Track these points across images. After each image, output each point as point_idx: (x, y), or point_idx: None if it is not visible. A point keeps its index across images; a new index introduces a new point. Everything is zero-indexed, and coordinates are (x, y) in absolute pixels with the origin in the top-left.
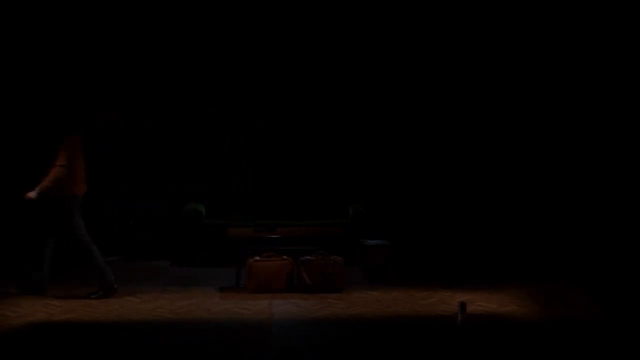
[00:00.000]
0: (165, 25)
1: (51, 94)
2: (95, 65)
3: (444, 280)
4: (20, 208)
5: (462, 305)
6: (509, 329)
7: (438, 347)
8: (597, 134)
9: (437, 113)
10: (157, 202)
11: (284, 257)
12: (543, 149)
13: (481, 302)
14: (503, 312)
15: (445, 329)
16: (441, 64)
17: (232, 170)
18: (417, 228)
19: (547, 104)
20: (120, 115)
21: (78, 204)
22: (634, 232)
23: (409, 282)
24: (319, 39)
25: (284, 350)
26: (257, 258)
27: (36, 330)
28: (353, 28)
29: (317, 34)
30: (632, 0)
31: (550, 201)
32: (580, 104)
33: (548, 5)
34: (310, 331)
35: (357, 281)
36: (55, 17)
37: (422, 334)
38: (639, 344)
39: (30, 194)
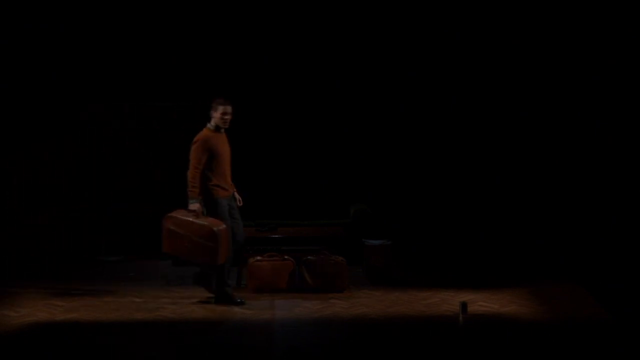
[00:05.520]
0: (169, 26)
1: (54, 93)
2: (101, 64)
3: (446, 280)
4: None
5: (464, 306)
6: (511, 329)
7: (440, 347)
8: (602, 133)
9: (439, 113)
10: (166, 202)
11: (286, 257)
12: (546, 149)
13: (483, 302)
14: (505, 312)
15: (447, 329)
16: (443, 65)
17: (233, 169)
18: (419, 228)
19: (549, 105)
20: (131, 115)
21: None
22: (637, 231)
23: (410, 282)
24: (321, 38)
25: (289, 351)
26: (259, 258)
27: (38, 330)
28: (353, 28)
29: (318, 34)
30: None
31: (553, 201)
32: (583, 104)
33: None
34: (312, 331)
35: (359, 281)
36: (61, 17)
37: (424, 334)
38: None
39: None
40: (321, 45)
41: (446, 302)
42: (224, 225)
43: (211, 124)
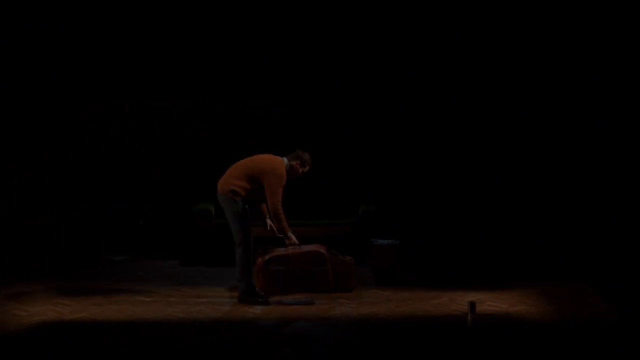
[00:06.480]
0: (169, 26)
1: (54, 93)
2: (101, 64)
3: (454, 280)
4: None
5: (472, 305)
6: (519, 329)
7: (448, 346)
8: (602, 133)
9: (445, 113)
10: (167, 202)
11: None
12: (546, 149)
13: (491, 302)
14: (513, 312)
15: (456, 329)
16: (443, 65)
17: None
18: (426, 228)
19: (549, 105)
20: (131, 115)
21: None
22: (637, 231)
23: (418, 281)
24: (328, 39)
25: (296, 350)
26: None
27: (47, 329)
28: (355, 28)
29: (319, 34)
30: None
31: (560, 201)
32: (583, 104)
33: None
34: (321, 331)
35: (366, 281)
36: (61, 17)
37: (433, 334)
38: None
39: None
40: (329, 46)
41: (454, 301)
42: (323, 248)
43: (286, 164)
